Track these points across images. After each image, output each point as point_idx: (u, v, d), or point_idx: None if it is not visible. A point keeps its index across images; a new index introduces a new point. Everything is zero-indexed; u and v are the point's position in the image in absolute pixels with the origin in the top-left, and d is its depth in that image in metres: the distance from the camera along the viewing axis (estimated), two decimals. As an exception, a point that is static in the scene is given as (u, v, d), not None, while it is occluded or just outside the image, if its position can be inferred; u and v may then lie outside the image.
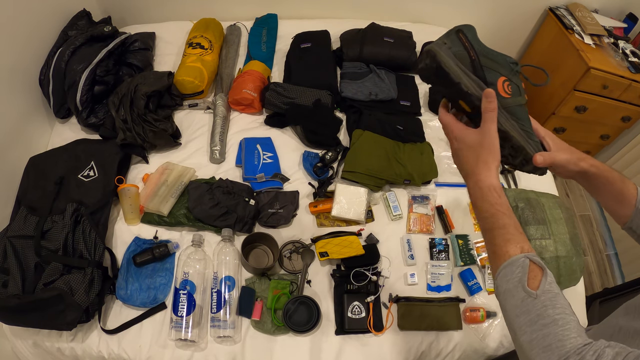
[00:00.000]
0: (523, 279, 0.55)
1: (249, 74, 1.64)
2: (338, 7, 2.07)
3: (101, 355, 1.14)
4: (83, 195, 1.29)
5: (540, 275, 0.56)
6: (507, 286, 0.57)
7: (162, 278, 1.23)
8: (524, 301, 0.54)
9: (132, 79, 1.50)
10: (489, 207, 0.62)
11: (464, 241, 1.38)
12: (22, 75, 1.43)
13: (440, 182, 1.53)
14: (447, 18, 2.16)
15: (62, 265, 1.11)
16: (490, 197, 0.63)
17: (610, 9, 2.25)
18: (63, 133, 1.53)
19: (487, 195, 0.63)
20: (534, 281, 0.55)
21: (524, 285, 0.55)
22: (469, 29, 0.72)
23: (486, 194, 0.63)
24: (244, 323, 1.19)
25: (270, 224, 1.35)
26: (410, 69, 1.84)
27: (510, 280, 0.56)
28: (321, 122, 1.56)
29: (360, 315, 1.20)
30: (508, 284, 0.56)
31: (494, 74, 0.69)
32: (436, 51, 0.68)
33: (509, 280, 0.56)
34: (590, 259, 2.31)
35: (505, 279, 0.57)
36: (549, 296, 0.54)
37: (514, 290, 0.56)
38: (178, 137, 1.54)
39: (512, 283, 0.56)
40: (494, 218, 0.61)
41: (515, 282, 0.56)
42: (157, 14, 1.97)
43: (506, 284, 0.57)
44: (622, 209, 0.78)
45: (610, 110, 2.10)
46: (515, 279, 0.56)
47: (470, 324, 1.24)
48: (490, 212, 0.62)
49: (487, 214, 0.62)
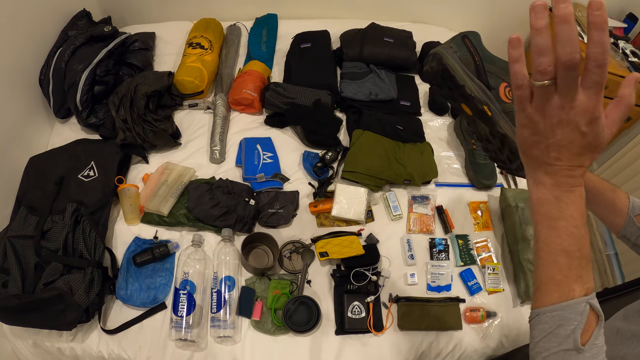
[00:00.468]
0: (577, 331, 0.48)
1: (249, 74, 1.64)
2: (338, 7, 2.07)
3: (101, 355, 1.14)
4: (83, 195, 1.29)
5: (594, 325, 0.48)
6: (556, 330, 0.49)
7: (162, 278, 1.23)
8: (567, 353, 0.48)
9: (132, 79, 1.50)
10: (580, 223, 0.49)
11: (464, 241, 1.38)
12: (22, 75, 1.43)
13: (440, 182, 1.53)
14: (447, 18, 2.16)
15: (62, 265, 1.11)
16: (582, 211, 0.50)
17: (610, 9, 2.25)
18: (63, 133, 1.53)
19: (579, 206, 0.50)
20: (587, 334, 0.48)
21: (576, 338, 0.48)
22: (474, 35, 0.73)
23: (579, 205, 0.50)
24: (244, 323, 1.19)
25: (270, 224, 1.35)
26: (410, 69, 1.84)
27: (563, 325, 0.49)
28: (321, 122, 1.56)
29: (360, 315, 1.20)
30: (559, 329, 0.49)
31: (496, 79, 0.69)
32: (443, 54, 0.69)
33: (561, 325, 0.49)
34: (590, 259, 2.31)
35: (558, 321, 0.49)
36: (593, 352, 0.48)
37: (562, 338, 0.49)
38: (178, 137, 1.54)
39: (565, 330, 0.48)
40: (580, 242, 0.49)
41: (568, 330, 0.48)
42: (157, 14, 1.97)
43: (556, 327, 0.49)
44: (615, 218, 0.79)
45: (610, 110, 2.10)
46: (570, 327, 0.48)
47: (470, 324, 1.24)
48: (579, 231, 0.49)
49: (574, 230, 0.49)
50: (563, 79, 0.42)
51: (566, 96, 0.43)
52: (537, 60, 0.42)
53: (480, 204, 1.47)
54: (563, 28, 0.39)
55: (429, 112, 1.74)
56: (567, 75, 0.41)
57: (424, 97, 1.78)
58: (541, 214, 0.51)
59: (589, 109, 0.43)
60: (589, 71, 0.40)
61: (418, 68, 1.87)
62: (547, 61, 0.42)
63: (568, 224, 0.49)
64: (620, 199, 0.78)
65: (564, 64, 0.40)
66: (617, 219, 0.79)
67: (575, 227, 0.49)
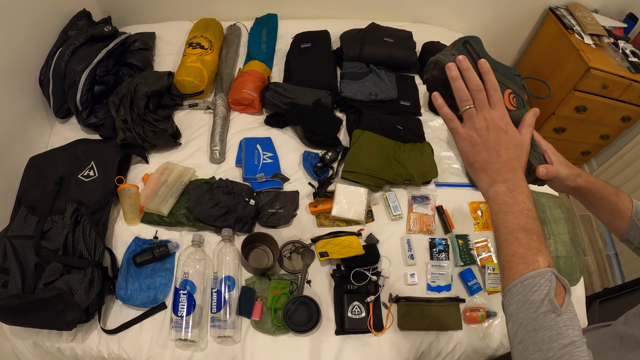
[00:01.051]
0: (551, 293, 0.52)
1: (249, 74, 1.64)
2: (338, 7, 2.07)
3: (101, 355, 1.14)
4: (83, 195, 1.29)
5: (564, 293, 0.53)
6: (531, 297, 0.53)
7: (162, 278, 1.23)
8: (547, 316, 0.51)
9: (132, 79, 1.50)
10: (534, 209, 0.59)
11: (464, 241, 1.38)
12: (22, 75, 1.43)
13: (440, 182, 1.53)
14: (447, 18, 2.17)
15: (62, 265, 1.11)
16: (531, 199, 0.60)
17: (610, 9, 2.25)
18: (63, 133, 1.53)
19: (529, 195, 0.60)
20: (559, 297, 0.52)
21: (552, 299, 0.52)
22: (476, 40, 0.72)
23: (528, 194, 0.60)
24: (244, 323, 1.19)
25: (270, 224, 1.35)
26: (410, 69, 1.84)
27: (537, 291, 0.53)
28: (321, 122, 1.56)
29: (360, 315, 1.20)
30: (533, 294, 0.53)
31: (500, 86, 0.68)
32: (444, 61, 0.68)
33: (535, 291, 0.53)
34: (590, 259, 2.31)
35: (530, 288, 0.53)
36: (569, 316, 0.52)
37: (538, 302, 0.52)
38: (178, 137, 1.54)
39: (539, 295, 0.53)
40: (534, 221, 0.58)
41: (542, 294, 0.53)
42: (157, 14, 1.97)
43: (531, 294, 0.53)
44: (618, 222, 0.79)
45: (610, 110, 2.11)
46: (543, 291, 0.53)
47: (470, 324, 1.24)
48: (534, 215, 0.58)
49: (530, 213, 0.58)
50: (477, 100, 0.62)
51: (483, 110, 0.62)
52: (459, 94, 0.63)
53: (480, 204, 1.47)
54: (467, 74, 0.62)
55: (429, 112, 1.74)
56: (479, 97, 0.62)
57: (424, 97, 1.78)
58: (498, 203, 0.60)
59: (500, 115, 0.62)
60: (490, 95, 0.62)
61: (418, 68, 1.87)
62: (465, 94, 0.62)
63: (521, 208, 0.58)
64: (623, 202, 0.78)
65: (473, 90, 0.62)
66: (620, 222, 0.79)
67: (528, 210, 0.58)
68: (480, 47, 0.72)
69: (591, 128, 2.26)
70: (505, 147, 0.61)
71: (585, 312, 1.35)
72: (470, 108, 0.62)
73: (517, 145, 0.62)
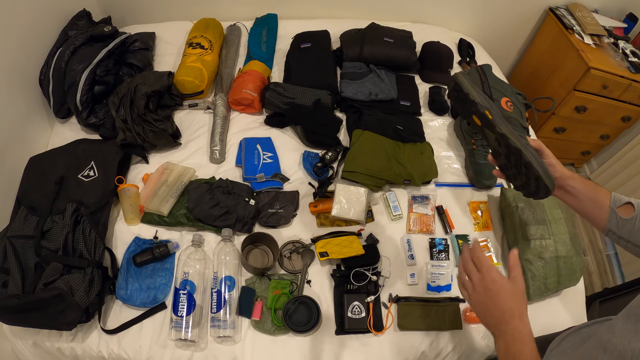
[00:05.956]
0: None
1: (249, 74, 1.64)
2: (338, 7, 2.07)
3: (101, 355, 1.14)
4: (83, 195, 1.29)
5: None
6: None
7: (162, 278, 1.23)
8: None
9: (132, 79, 1.50)
10: (527, 352, 0.69)
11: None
12: (22, 75, 1.43)
13: (440, 182, 1.53)
14: (447, 18, 2.17)
15: (62, 265, 1.11)
16: (529, 341, 0.70)
17: (610, 9, 2.25)
18: (63, 133, 1.53)
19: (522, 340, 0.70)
20: None
21: None
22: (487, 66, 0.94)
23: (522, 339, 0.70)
24: (244, 323, 1.19)
25: (270, 224, 1.35)
26: (410, 69, 1.84)
27: None
28: (321, 122, 1.56)
29: (360, 315, 1.20)
30: None
31: (499, 94, 0.87)
32: (457, 75, 0.91)
33: None
34: (590, 259, 2.31)
35: None
36: None
37: None
38: (178, 137, 1.54)
39: None
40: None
41: None
42: (157, 14, 1.97)
43: None
44: (598, 211, 0.85)
45: (610, 110, 2.11)
46: None
47: (470, 324, 1.24)
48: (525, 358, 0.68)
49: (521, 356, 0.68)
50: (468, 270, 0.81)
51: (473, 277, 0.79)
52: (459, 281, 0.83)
53: (480, 204, 1.47)
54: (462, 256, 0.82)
55: (429, 112, 1.74)
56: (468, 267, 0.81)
57: (424, 97, 1.78)
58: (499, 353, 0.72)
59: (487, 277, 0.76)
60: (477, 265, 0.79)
61: (418, 68, 1.87)
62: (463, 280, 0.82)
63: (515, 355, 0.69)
64: (602, 193, 0.85)
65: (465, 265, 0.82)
66: (600, 212, 0.85)
67: (521, 354, 0.69)
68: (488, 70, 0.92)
69: (591, 128, 2.26)
70: (495, 303, 0.74)
71: (585, 312, 1.35)
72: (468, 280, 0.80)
73: (510, 296, 0.74)
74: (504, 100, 0.87)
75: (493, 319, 0.74)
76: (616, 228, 0.83)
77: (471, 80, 0.90)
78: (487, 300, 0.75)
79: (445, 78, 1.85)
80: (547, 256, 1.24)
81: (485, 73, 0.91)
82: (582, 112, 2.11)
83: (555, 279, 1.24)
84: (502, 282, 0.75)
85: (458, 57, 1.99)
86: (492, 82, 0.91)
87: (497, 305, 0.73)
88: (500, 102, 0.87)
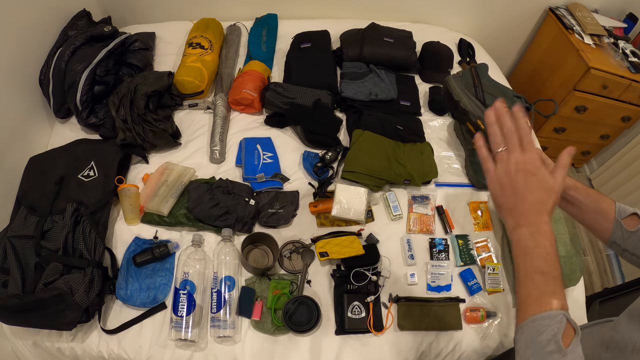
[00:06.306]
0: (558, 335, 0.54)
1: (249, 74, 1.64)
2: (338, 7, 2.07)
3: (101, 355, 1.14)
4: (83, 195, 1.29)
5: (573, 335, 0.55)
6: (538, 337, 0.56)
7: (162, 278, 1.23)
8: (551, 355, 0.54)
9: (132, 79, 1.50)
10: (554, 254, 0.61)
11: (464, 241, 1.38)
12: (22, 75, 1.43)
13: (440, 182, 1.53)
14: (447, 18, 2.17)
15: (62, 265, 1.11)
16: (555, 245, 0.62)
17: (610, 9, 2.25)
18: (63, 133, 1.53)
19: (550, 239, 0.61)
20: (567, 339, 0.55)
21: (557, 340, 0.54)
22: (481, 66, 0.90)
23: (554, 241, 0.62)
24: (244, 323, 1.19)
25: (270, 224, 1.35)
26: (410, 69, 1.84)
27: (545, 332, 0.55)
28: (321, 122, 1.56)
29: (360, 315, 1.20)
30: (541, 335, 0.55)
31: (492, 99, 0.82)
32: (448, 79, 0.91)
33: (543, 332, 0.56)
34: (590, 259, 2.31)
35: (539, 329, 0.56)
36: (574, 357, 0.54)
37: (544, 342, 0.55)
38: (178, 137, 1.54)
39: (546, 335, 0.55)
40: (553, 265, 0.60)
41: (550, 334, 0.55)
42: (157, 14, 1.97)
43: (539, 334, 0.56)
44: (603, 222, 0.81)
45: (610, 110, 2.11)
46: (551, 332, 0.55)
47: (470, 324, 1.24)
48: (553, 259, 0.60)
49: (549, 257, 0.60)
50: (509, 144, 0.65)
51: (515, 152, 0.65)
52: (493, 138, 0.67)
53: (480, 204, 1.47)
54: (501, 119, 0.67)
55: (429, 112, 1.74)
56: (511, 141, 0.65)
57: (424, 97, 1.78)
58: (520, 246, 0.62)
59: (531, 159, 0.64)
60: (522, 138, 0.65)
61: (418, 68, 1.87)
62: (498, 138, 0.66)
63: (541, 251, 0.60)
64: (607, 203, 0.81)
65: (506, 135, 0.66)
66: (605, 222, 0.81)
67: (547, 254, 0.60)
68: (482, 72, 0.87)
69: (591, 128, 2.26)
70: (532, 191, 0.63)
71: (586, 312, 1.35)
72: (502, 150, 0.66)
73: (546, 189, 0.63)
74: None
75: (524, 207, 0.63)
76: (621, 240, 0.80)
77: (464, 85, 0.89)
78: (524, 187, 0.63)
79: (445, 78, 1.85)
80: (547, 256, 1.24)
81: (479, 75, 0.88)
82: (582, 112, 2.11)
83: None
84: (545, 173, 0.64)
85: (458, 57, 1.99)
86: (486, 86, 0.87)
87: (534, 193, 0.63)
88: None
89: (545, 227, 0.62)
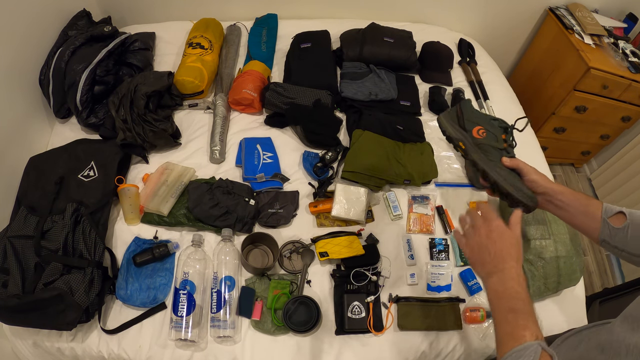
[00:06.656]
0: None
1: (249, 74, 1.64)
2: (338, 7, 2.07)
3: (101, 355, 1.14)
4: (83, 195, 1.29)
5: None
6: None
7: (162, 278, 1.23)
8: None
9: (132, 79, 1.50)
10: (522, 291, 0.71)
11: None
12: (22, 75, 1.43)
13: (440, 182, 1.53)
14: (447, 18, 2.17)
15: (62, 265, 1.11)
16: (524, 284, 0.72)
17: (610, 9, 2.25)
18: (63, 133, 1.53)
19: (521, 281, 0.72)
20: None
21: None
22: (465, 102, 1.05)
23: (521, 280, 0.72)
24: (244, 323, 1.19)
25: (270, 224, 1.35)
26: (410, 69, 1.84)
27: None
28: (321, 122, 1.56)
29: (360, 315, 1.20)
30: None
31: (471, 124, 1.00)
32: (439, 117, 1.07)
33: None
34: (590, 259, 2.31)
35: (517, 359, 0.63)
36: None
37: None
38: (178, 137, 1.54)
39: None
40: (522, 302, 0.69)
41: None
42: (157, 14, 1.97)
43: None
44: (591, 222, 0.86)
45: (610, 110, 2.11)
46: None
47: (470, 324, 1.24)
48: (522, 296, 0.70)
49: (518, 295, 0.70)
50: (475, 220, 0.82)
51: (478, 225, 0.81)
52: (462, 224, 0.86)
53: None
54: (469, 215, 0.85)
55: (429, 112, 1.74)
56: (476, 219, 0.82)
57: (424, 97, 1.78)
58: (492, 291, 0.74)
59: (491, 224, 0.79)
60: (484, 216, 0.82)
61: (418, 68, 1.87)
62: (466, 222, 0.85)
63: (511, 292, 0.71)
64: (594, 205, 0.87)
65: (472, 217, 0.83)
66: (593, 223, 0.86)
67: (516, 293, 0.71)
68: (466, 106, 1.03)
69: (591, 128, 2.26)
70: (495, 243, 0.76)
71: (585, 312, 1.35)
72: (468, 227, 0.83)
73: (507, 240, 0.76)
74: (476, 129, 0.99)
75: (490, 257, 0.76)
76: (609, 238, 0.83)
77: (450, 118, 1.04)
78: (487, 242, 0.77)
79: (445, 78, 1.85)
80: (547, 256, 1.24)
81: (462, 109, 1.03)
82: (582, 112, 2.11)
83: (555, 279, 1.24)
84: (504, 229, 0.78)
85: (458, 57, 1.99)
86: (467, 114, 1.02)
87: (497, 245, 0.76)
88: (472, 131, 1.00)
89: (512, 271, 0.73)
